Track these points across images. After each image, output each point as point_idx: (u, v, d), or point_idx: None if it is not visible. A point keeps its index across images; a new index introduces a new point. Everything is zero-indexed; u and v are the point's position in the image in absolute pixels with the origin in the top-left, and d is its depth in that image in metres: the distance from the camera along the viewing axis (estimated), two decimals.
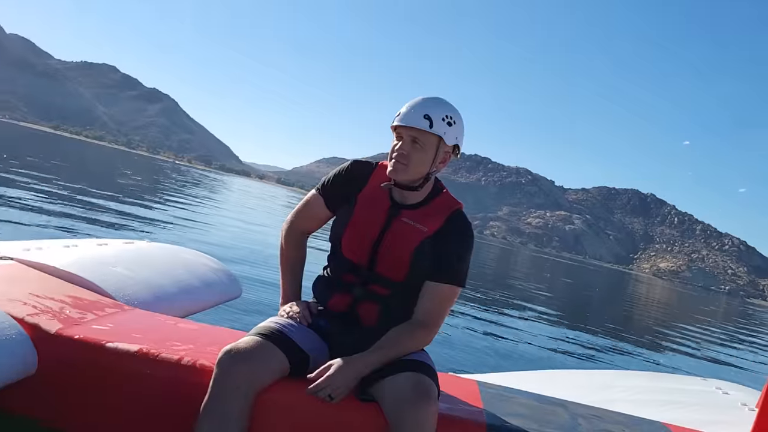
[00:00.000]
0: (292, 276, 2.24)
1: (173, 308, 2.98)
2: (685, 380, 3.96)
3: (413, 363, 1.87)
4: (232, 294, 4.04)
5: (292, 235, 2.25)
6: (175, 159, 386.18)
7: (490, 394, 2.29)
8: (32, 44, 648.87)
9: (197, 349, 2.06)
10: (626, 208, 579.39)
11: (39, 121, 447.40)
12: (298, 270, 2.26)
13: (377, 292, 2.02)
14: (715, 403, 3.23)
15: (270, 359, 1.82)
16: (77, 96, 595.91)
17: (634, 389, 3.43)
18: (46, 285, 2.46)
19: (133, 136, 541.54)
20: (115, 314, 2.38)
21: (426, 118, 1.95)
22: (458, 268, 2.00)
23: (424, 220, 2.02)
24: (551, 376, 3.94)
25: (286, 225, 2.26)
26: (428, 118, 1.95)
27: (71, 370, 1.98)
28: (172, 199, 19.21)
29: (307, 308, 2.08)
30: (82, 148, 76.86)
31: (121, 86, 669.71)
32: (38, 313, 2.09)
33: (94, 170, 30.12)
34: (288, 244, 2.24)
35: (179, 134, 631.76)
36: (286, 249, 2.25)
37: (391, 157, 2.00)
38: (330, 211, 2.15)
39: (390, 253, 2.00)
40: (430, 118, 1.95)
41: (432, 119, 1.95)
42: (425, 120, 1.95)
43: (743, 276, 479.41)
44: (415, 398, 1.74)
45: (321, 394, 1.79)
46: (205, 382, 1.81)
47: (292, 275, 2.24)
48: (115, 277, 2.86)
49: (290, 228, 2.25)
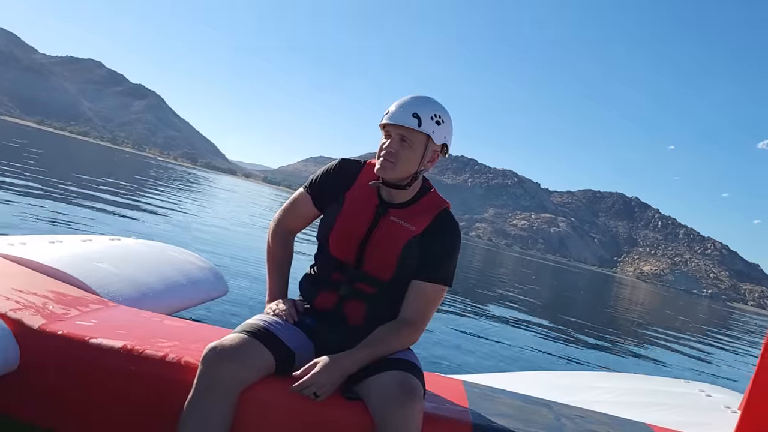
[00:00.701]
0: (279, 274, 2.23)
1: (159, 305, 2.97)
2: (668, 382, 3.99)
3: (399, 362, 1.87)
4: (218, 292, 4.04)
5: (279, 234, 2.24)
6: (158, 155, 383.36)
7: (476, 393, 2.30)
8: (17, 38, 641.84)
9: (182, 345, 2.05)
10: (611, 212, 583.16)
11: (23, 115, 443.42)
12: (285, 268, 2.25)
13: (364, 291, 2.02)
14: (699, 406, 3.26)
15: (255, 357, 1.81)
16: (62, 91, 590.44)
17: (617, 391, 3.45)
18: (29, 280, 2.44)
19: (118, 133, 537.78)
20: (100, 310, 2.36)
21: (415, 117, 1.95)
22: (445, 267, 2.01)
23: (411, 218, 2.02)
24: (535, 377, 3.96)
25: (273, 223, 2.25)
26: (417, 117, 1.95)
27: (54, 366, 1.96)
28: (158, 196, 19.09)
29: (293, 306, 2.08)
30: (66, 144, 76.18)
31: (107, 82, 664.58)
32: (21, 309, 2.07)
33: (80, 166, 29.85)
34: (275, 242, 2.23)
35: (165, 131, 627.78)
36: (273, 247, 2.24)
37: (379, 155, 2.00)
38: (318, 210, 2.15)
39: (377, 252, 2.00)
40: (419, 116, 1.95)
41: (421, 118, 1.95)
42: (414, 118, 1.95)
43: (725, 280, 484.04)
44: (401, 397, 1.74)
45: (306, 392, 1.78)
46: (190, 379, 1.80)
47: (279, 273, 2.23)
48: (100, 274, 2.85)
49: (277, 226, 2.24)
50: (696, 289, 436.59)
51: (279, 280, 2.23)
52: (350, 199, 2.06)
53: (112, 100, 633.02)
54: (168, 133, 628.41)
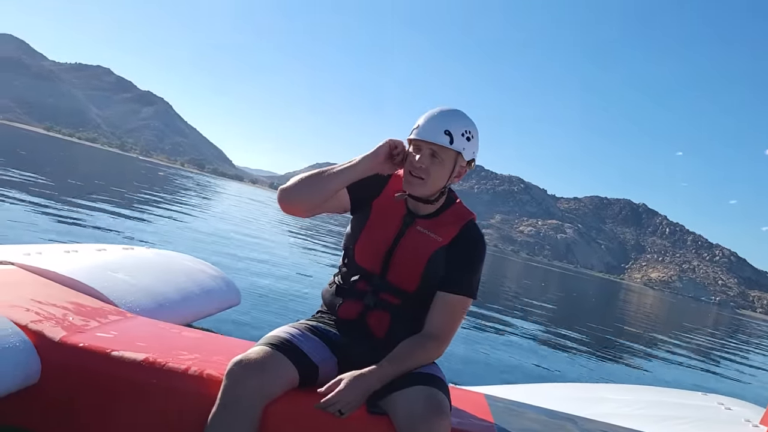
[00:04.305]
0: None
1: (175, 316, 2.96)
2: (686, 395, 3.95)
3: (425, 376, 1.84)
4: (231, 301, 4.02)
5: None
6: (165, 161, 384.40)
7: (499, 407, 2.27)
8: (26, 45, 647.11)
9: (203, 358, 2.03)
10: (618, 218, 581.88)
11: (32, 122, 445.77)
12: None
13: (388, 302, 1.99)
14: (719, 419, 3.22)
15: (280, 370, 1.79)
16: (70, 97, 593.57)
17: (636, 404, 3.41)
18: (48, 291, 2.42)
19: (126, 139, 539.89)
20: (119, 322, 2.34)
21: (447, 134, 1.92)
22: (470, 279, 1.98)
23: (438, 229, 2.00)
24: (553, 389, 3.92)
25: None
26: (449, 134, 1.92)
27: (75, 379, 1.94)
28: (166, 204, 19.12)
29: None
30: (75, 150, 76.57)
31: (115, 88, 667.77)
32: (41, 320, 2.05)
33: (89, 172, 29.98)
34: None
35: (172, 137, 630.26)
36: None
37: (408, 170, 1.97)
38: (350, 206, 2.06)
39: (404, 262, 1.98)
40: (451, 133, 1.92)
41: (452, 135, 1.92)
42: (446, 136, 1.92)
43: (733, 287, 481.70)
44: (428, 413, 1.71)
45: (331, 410, 1.75)
46: (212, 393, 1.78)
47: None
48: (117, 284, 2.83)
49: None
50: (704, 296, 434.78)
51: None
52: (377, 208, 2.04)
53: (120, 107, 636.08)
54: (175, 139, 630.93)
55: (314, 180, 1.96)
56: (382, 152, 1.95)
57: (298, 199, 1.97)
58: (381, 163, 1.96)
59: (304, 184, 1.96)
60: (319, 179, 1.96)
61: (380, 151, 1.95)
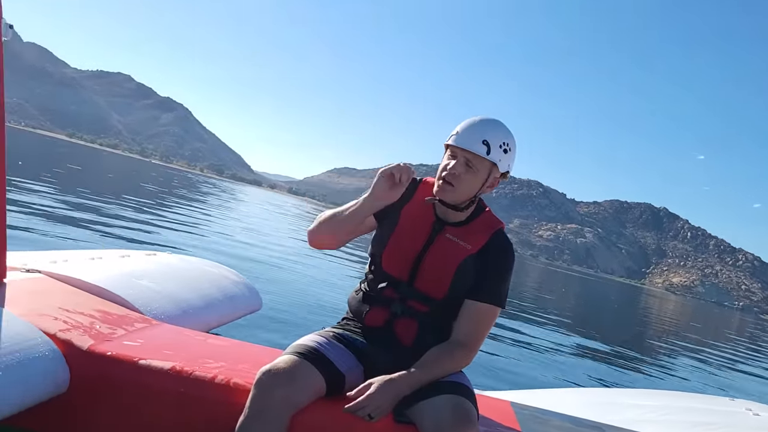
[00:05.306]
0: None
1: (198, 322, 2.96)
2: (713, 400, 3.88)
3: (452, 385, 1.83)
4: (253, 307, 4.02)
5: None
6: (185, 167, 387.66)
7: (525, 415, 2.24)
8: (49, 53, 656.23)
9: (230, 366, 2.03)
10: (638, 222, 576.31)
11: (54, 128, 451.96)
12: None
13: (416, 309, 1.98)
14: (747, 425, 3.16)
15: (308, 380, 1.79)
16: (92, 104, 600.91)
17: (662, 409, 3.36)
18: (75, 299, 2.44)
19: (146, 145, 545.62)
20: (145, 329, 2.35)
21: (484, 144, 1.91)
22: (499, 288, 1.97)
23: (467, 237, 1.99)
24: (577, 395, 3.89)
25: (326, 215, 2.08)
26: (486, 144, 1.91)
27: (103, 388, 1.95)
28: (185, 209, 19.27)
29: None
30: (97, 156, 77.48)
31: (136, 95, 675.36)
32: (69, 329, 2.06)
33: (110, 178, 30.32)
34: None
35: (192, 143, 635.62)
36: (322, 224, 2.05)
37: (440, 176, 1.97)
38: (376, 220, 2.07)
39: (432, 269, 1.96)
40: (489, 144, 1.92)
41: (490, 145, 1.92)
42: (483, 146, 1.91)
43: (757, 292, 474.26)
44: (455, 422, 1.70)
45: (360, 413, 1.75)
46: (240, 402, 1.77)
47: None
48: (142, 291, 2.84)
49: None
50: (727, 302, 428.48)
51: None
52: (406, 215, 2.03)
53: (140, 113, 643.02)
54: (195, 145, 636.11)
55: (331, 223, 2.03)
56: (378, 189, 1.90)
57: (322, 239, 2.08)
58: (386, 193, 1.90)
59: (324, 225, 2.04)
60: (334, 222, 2.02)
61: (376, 189, 1.90)
